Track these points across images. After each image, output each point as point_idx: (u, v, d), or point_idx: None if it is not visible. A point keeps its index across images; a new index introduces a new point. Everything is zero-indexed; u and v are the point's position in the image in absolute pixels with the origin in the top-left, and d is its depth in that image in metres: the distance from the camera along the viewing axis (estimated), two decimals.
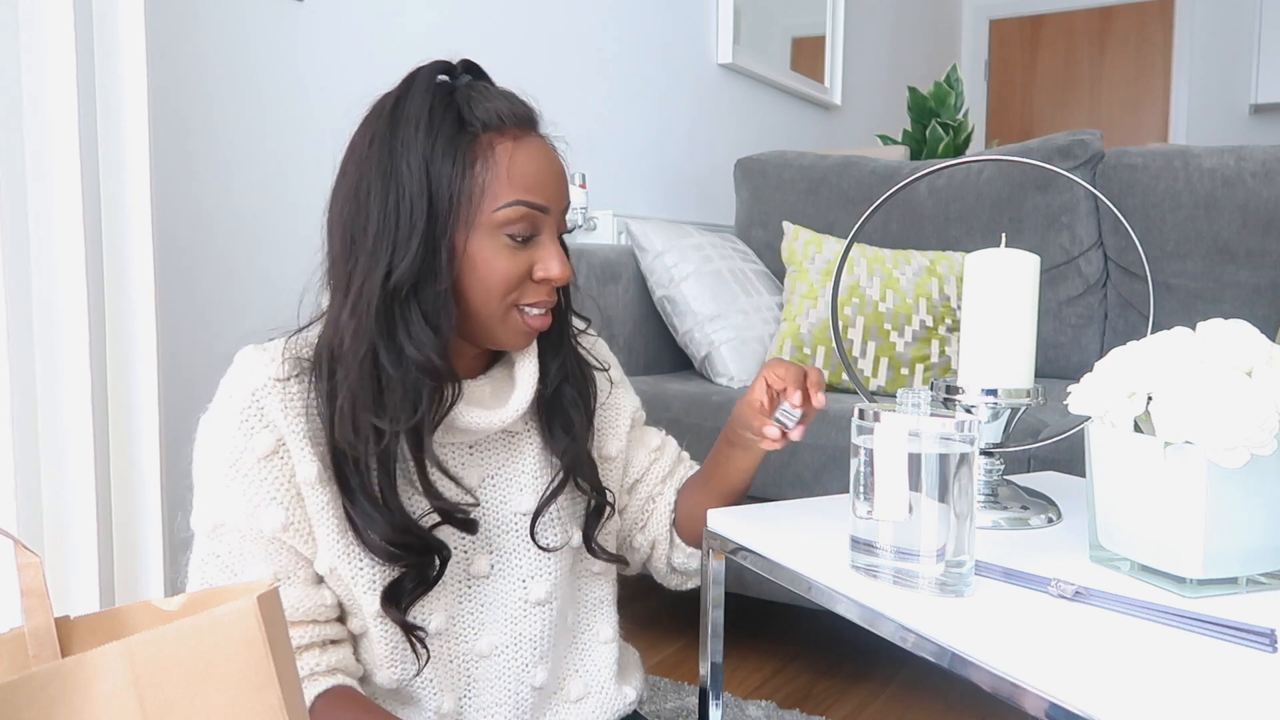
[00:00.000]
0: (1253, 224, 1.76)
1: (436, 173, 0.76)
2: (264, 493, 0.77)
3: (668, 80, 2.75)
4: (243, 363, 0.79)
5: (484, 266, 0.78)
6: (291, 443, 0.77)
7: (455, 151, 0.76)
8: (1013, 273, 0.89)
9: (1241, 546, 0.69)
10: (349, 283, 0.77)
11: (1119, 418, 0.72)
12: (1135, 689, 0.55)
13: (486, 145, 0.77)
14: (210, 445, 0.79)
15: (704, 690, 0.96)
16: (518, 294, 0.80)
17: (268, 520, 0.77)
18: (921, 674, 1.65)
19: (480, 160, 0.77)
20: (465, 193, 0.76)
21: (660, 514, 0.99)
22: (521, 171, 0.78)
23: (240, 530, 0.77)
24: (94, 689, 0.54)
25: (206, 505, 0.79)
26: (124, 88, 1.20)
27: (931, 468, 0.67)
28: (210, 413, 0.80)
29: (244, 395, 0.77)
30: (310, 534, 0.79)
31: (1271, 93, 4.28)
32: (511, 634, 0.87)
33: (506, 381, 0.87)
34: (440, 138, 0.76)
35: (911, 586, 0.69)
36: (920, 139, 3.32)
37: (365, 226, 0.76)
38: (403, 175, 0.75)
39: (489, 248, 0.78)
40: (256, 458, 0.77)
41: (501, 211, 0.77)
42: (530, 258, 0.80)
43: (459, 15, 2.03)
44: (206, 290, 1.53)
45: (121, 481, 1.23)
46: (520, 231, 0.78)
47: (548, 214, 0.80)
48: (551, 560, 0.88)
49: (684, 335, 1.91)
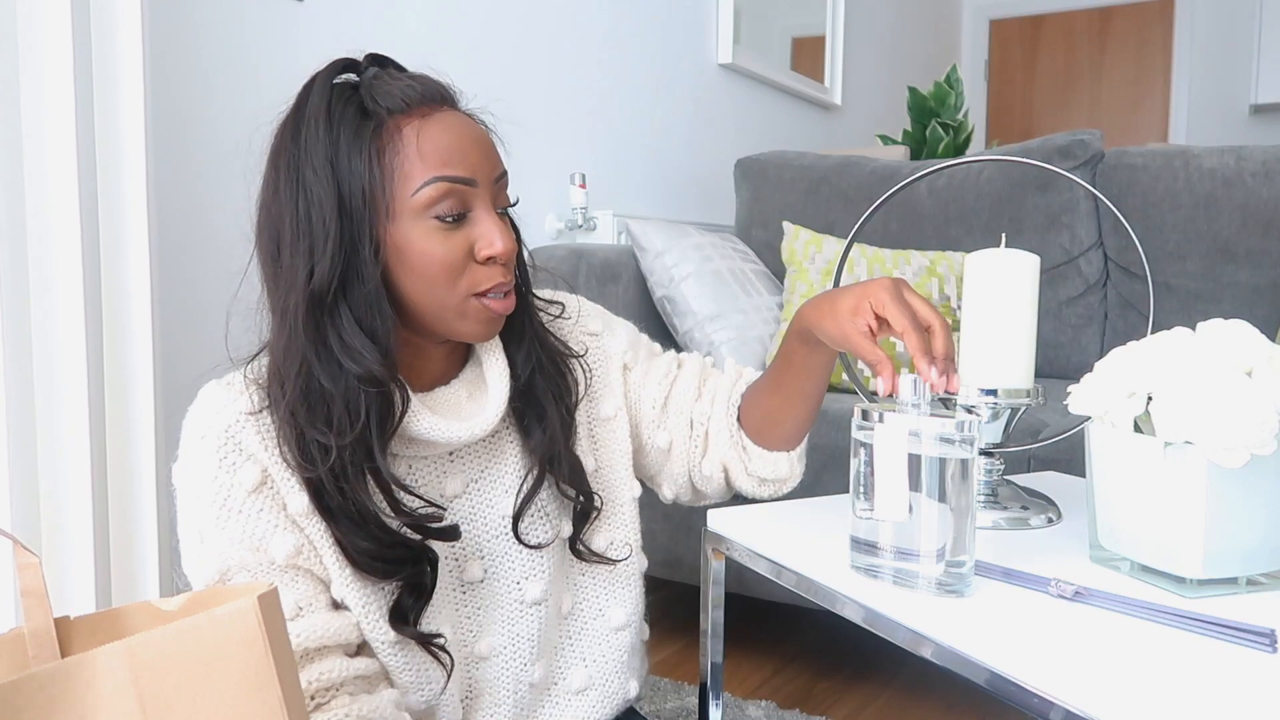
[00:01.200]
0: (1253, 224, 1.76)
1: (343, 168, 0.72)
2: (265, 523, 0.73)
3: (668, 80, 2.75)
4: (208, 401, 0.75)
5: (416, 257, 0.73)
6: (275, 474, 0.74)
7: (359, 142, 0.72)
8: (1013, 273, 0.89)
9: (1241, 546, 0.69)
10: (276, 300, 0.74)
11: (1119, 418, 0.72)
12: (1135, 689, 0.55)
13: (393, 129, 0.73)
14: (192, 492, 0.74)
15: (704, 690, 0.96)
16: (468, 281, 0.75)
17: (278, 548, 0.73)
18: (921, 674, 1.65)
19: (389, 146, 0.73)
20: (377, 183, 0.72)
21: (718, 433, 0.93)
22: (434, 146, 0.73)
23: (249, 569, 0.73)
24: (94, 689, 0.54)
25: (205, 556, 0.74)
26: (123, 88, 1.20)
27: (931, 468, 0.67)
28: (183, 460, 0.75)
29: (217, 433, 0.73)
30: (319, 558, 0.76)
31: (1271, 93, 4.28)
32: (509, 635, 0.86)
33: (480, 383, 0.84)
34: (343, 133, 0.72)
35: (911, 586, 0.69)
36: (920, 139, 3.32)
37: (281, 239, 0.73)
38: (308, 179, 0.72)
39: (417, 235, 0.73)
40: (245, 492, 0.73)
41: (421, 193, 0.72)
42: (467, 237, 0.75)
43: (458, 15, 2.03)
44: (204, 290, 1.53)
45: (118, 481, 1.23)
46: (447, 211, 0.73)
47: (474, 186, 0.74)
48: (544, 559, 0.87)
49: (684, 335, 1.91)
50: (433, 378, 0.83)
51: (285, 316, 0.73)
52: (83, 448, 1.17)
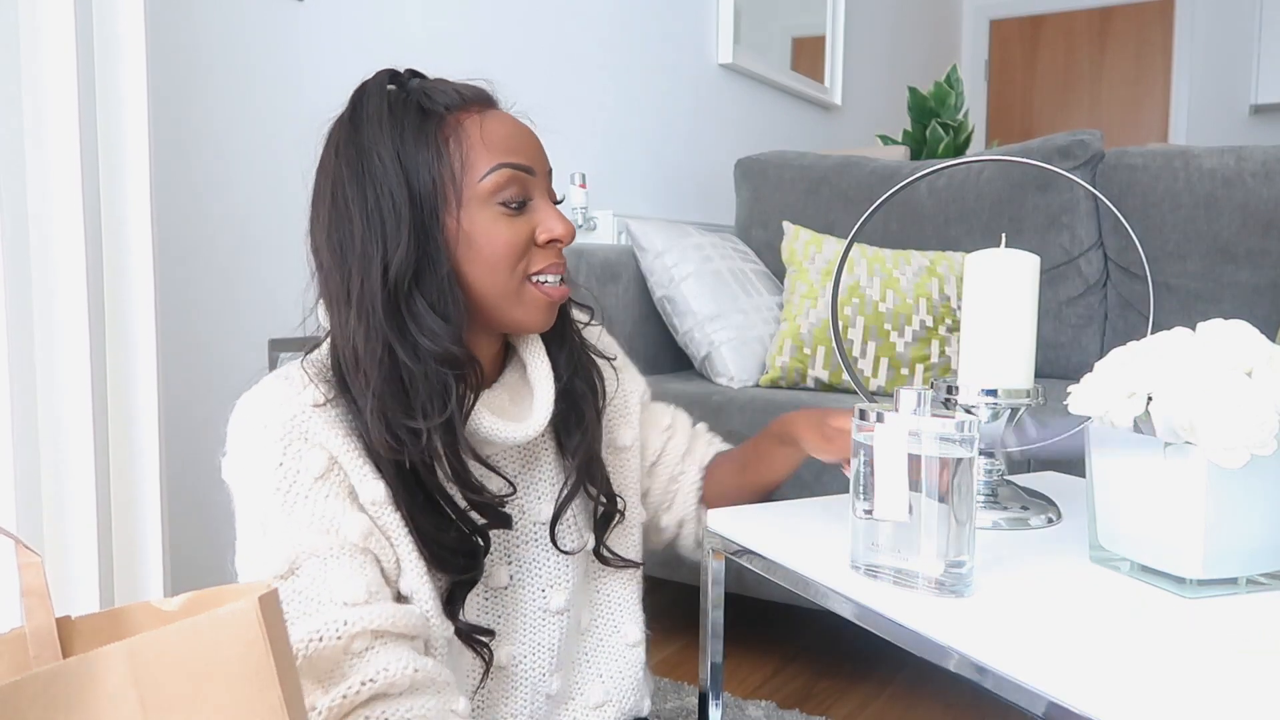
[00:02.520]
0: (1253, 224, 1.76)
1: (410, 160, 0.75)
2: (335, 506, 0.73)
3: (668, 80, 2.75)
4: (269, 394, 0.75)
5: (483, 240, 0.76)
6: (345, 462, 0.73)
7: (424, 136, 0.75)
8: (1013, 273, 0.89)
9: (1241, 546, 0.69)
10: (348, 291, 0.74)
11: (1119, 418, 0.72)
12: (1135, 689, 0.55)
13: (454, 123, 0.77)
14: (254, 482, 0.73)
15: (704, 690, 0.96)
16: (525, 262, 0.78)
17: (351, 528, 0.72)
18: (921, 674, 1.65)
19: (452, 138, 0.76)
20: (445, 172, 0.75)
21: (686, 493, 0.99)
22: (496, 137, 0.77)
23: (320, 554, 0.72)
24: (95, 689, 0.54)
25: (271, 547, 0.72)
26: (124, 88, 1.20)
27: (931, 468, 0.67)
28: (241, 453, 0.75)
29: (282, 422, 0.73)
30: (391, 548, 0.75)
31: (1271, 93, 4.28)
32: (530, 644, 0.86)
33: (523, 386, 0.85)
34: (406, 127, 0.75)
35: (911, 586, 0.69)
36: (920, 139, 3.32)
37: (351, 232, 0.74)
38: (376, 171, 0.74)
39: (484, 220, 0.76)
40: (312, 478, 0.72)
41: (487, 179, 0.76)
42: (529, 223, 0.79)
43: (458, 15, 2.03)
44: (206, 290, 1.53)
45: (121, 481, 1.23)
46: (512, 197, 0.77)
47: (534, 175, 0.79)
48: (569, 568, 0.88)
49: (684, 335, 1.92)
50: (486, 379, 0.84)
51: (361, 306, 0.73)
52: (85, 447, 1.17)
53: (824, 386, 1.79)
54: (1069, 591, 0.72)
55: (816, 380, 1.78)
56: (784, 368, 1.79)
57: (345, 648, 0.70)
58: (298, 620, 0.70)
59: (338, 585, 0.71)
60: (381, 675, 0.69)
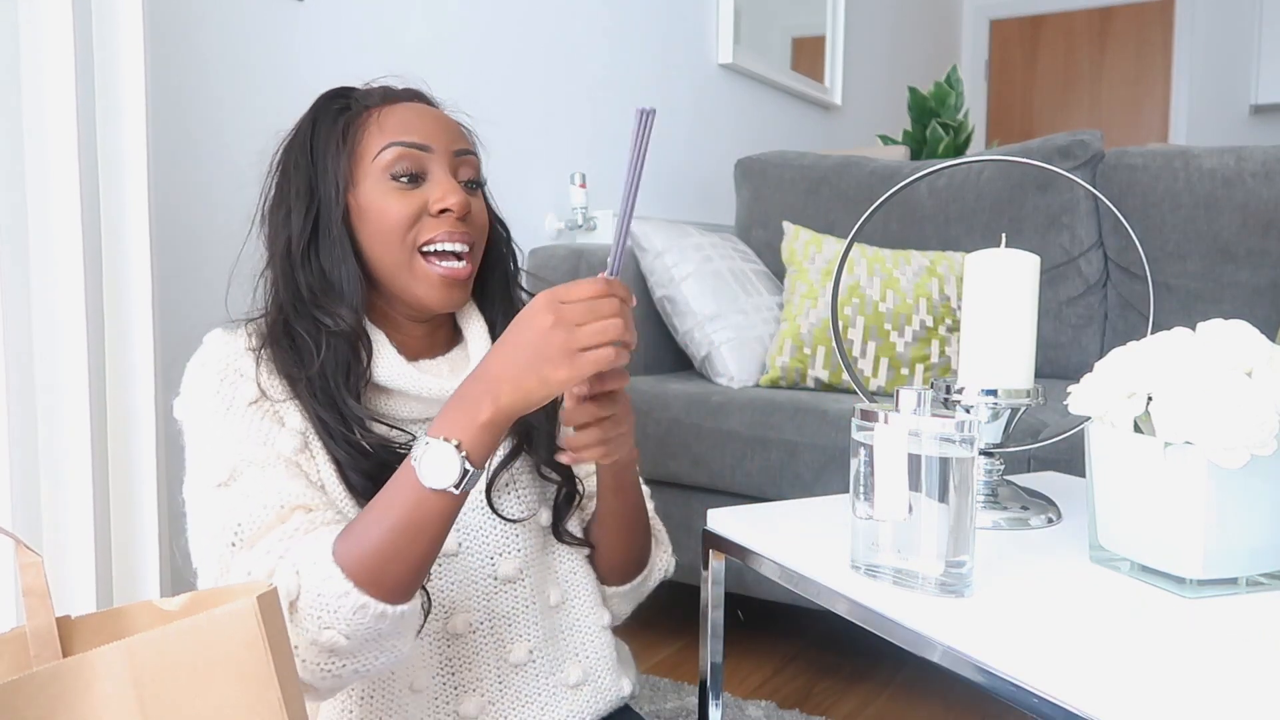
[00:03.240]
0: (1253, 224, 1.76)
1: (319, 151, 0.85)
2: (268, 425, 0.80)
3: (668, 80, 2.75)
4: (212, 341, 0.85)
5: (374, 213, 0.83)
6: (271, 393, 0.82)
7: (335, 130, 0.85)
8: (1013, 273, 0.89)
9: (1241, 546, 0.69)
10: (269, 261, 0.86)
11: (1119, 418, 0.72)
12: (1135, 689, 0.55)
13: (365, 117, 0.85)
14: (194, 413, 0.81)
15: (704, 690, 0.96)
16: (415, 232, 0.83)
17: (283, 443, 0.80)
18: (921, 674, 1.65)
19: (358, 129, 0.85)
20: (346, 156, 0.84)
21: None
22: (393, 121, 0.84)
23: (258, 462, 0.78)
24: (95, 689, 0.54)
25: (213, 458, 0.79)
26: (124, 88, 1.20)
27: (931, 468, 0.67)
28: (185, 391, 0.83)
29: (218, 360, 0.82)
30: (317, 470, 0.81)
31: (1271, 93, 4.28)
32: (485, 611, 0.87)
33: (463, 361, 0.90)
34: (321, 125, 0.86)
35: (911, 586, 0.69)
36: (920, 139, 3.32)
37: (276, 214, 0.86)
38: (289, 165, 0.86)
39: (377, 194, 0.83)
40: (245, 403, 0.80)
41: (379, 157, 0.83)
42: (423, 196, 0.84)
43: (459, 16, 2.03)
44: (205, 290, 1.53)
45: (120, 481, 1.23)
46: (404, 170, 0.83)
47: (430, 151, 0.84)
48: (519, 537, 0.89)
49: (684, 335, 1.92)
50: (416, 351, 0.90)
51: (273, 272, 0.86)
52: (84, 447, 1.17)
53: (824, 386, 1.79)
54: (1069, 591, 0.72)
55: (816, 380, 1.78)
56: (784, 368, 1.79)
57: (281, 518, 0.76)
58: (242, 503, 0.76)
59: (277, 485, 0.77)
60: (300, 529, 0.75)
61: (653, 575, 0.97)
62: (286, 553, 0.73)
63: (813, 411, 1.59)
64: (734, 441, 1.63)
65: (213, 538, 0.76)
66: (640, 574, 0.96)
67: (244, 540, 0.75)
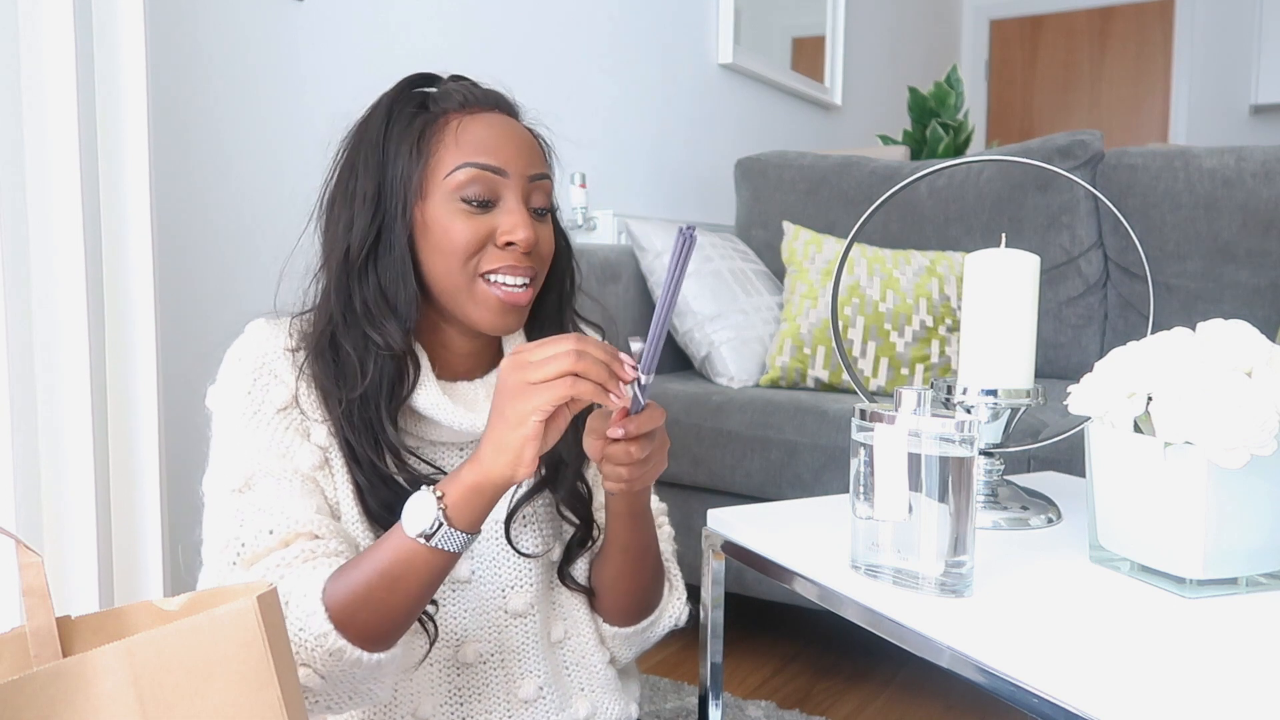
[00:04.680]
0: (1253, 224, 1.76)
1: (391, 154, 0.80)
2: (291, 437, 0.79)
3: (668, 80, 2.75)
4: (254, 332, 0.83)
5: (439, 232, 0.79)
6: (304, 404, 0.80)
7: (410, 134, 0.80)
8: (1013, 273, 0.89)
9: (1241, 547, 0.69)
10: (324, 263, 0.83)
11: (1119, 418, 0.72)
12: (1135, 689, 0.55)
13: (442, 124, 0.81)
14: (226, 408, 0.80)
15: (704, 690, 0.96)
16: (478, 260, 0.80)
17: (303, 458, 0.79)
18: (921, 674, 1.65)
19: (435, 137, 0.80)
20: (418, 166, 0.80)
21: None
22: (471, 138, 0.80)
23: (274, 474, 0.77)
24: (94, 689, 0.54)
25: (233, 462, 0.78)
26: (124, 88, 1.20)
27: (931, 468, 0.67)
28: (219, 382, 0.82)
29: (255, 357, 0.81)
30: (335, 487, 0.80)
31: (1271, 93, 4.28)
32: (495, 644, 0.86)
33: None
34: (396, 125, 0.81)
35: (911, 586, 0.69)
36: (920, 139, 3.32)
37: (335, 215, 0.82)
38: (358, 164, 0.81)
39: (444, 213, 0.79)
40: (275, 409, 0.79)
41: (452, 176, 0.79)
42: (491, 223, 0.80)
43: (459, 15, 2.03)
44: (206, 290, 1.53)
45: (121, 481, 1.23)
46: (475, 195, 0.79)
47: (504, 176, 0.80)
48: (531, 571, 0.87)
49: (684, 335, 1.92)
50: (457, 371, 0.87)
51: (328, 278, 0.82)
52: (85, 447, 1.17)
53: (824, 386, 1.79)
54: (1069, 591, 0.72)
55: (816, 380, 1.78)
56: (784, 368, 1.79)
57: (285, 541, 0.75)
58: (252, 517, 0.76)
59: (288, 503, 0.76)
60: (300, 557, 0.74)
61: (661, 621, 0.93)
62: (281, 579, 0.73)
63: (813, 411, 1.59)
64: (734, 441, 1.63)
65: (217, 550, 0.77)
66: (647, 619, 0.92)
67: (243, 560, 0.75)
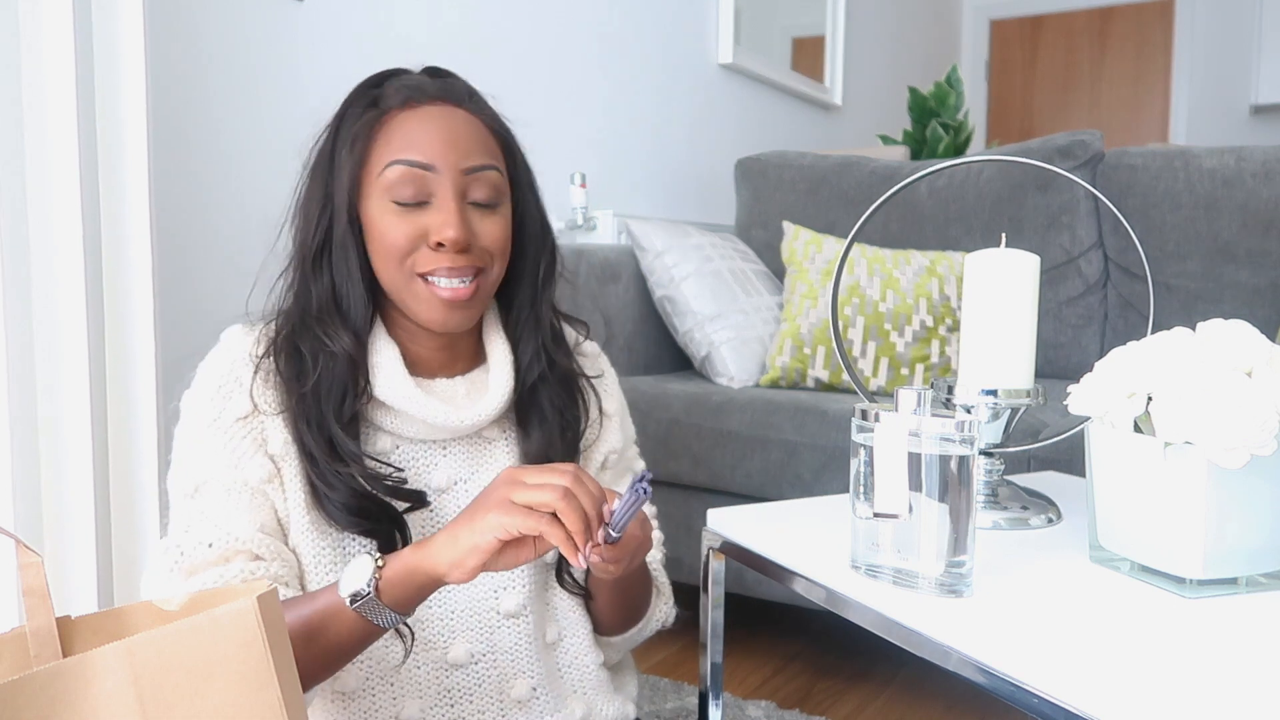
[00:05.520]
0: (1253, 224, 1.76)
1: (341, 153, 0.81)
2: (245, 447, 0.79)
3: (668, 80, 2.75)
4: (226, 340, 0.85)
5: (376, 233, 0.80)
6: (264, 410, 0.80)
7: (358, 132, 0.80)
8: (1013, 273, 0.89)
9: (1241, 547, 0.69)
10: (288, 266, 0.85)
11: (1119, 418, 0.72)
12: (1135, 689, 0.55)
13: (386, 120, 0.80)
14: (190, 412, 0.82)
15: (704, 690, 0.96)
16: (412, 261, 0.79)
17: (253, 471, 0.79)
18: (921, 674, 1.65)
19: (372, 135, 0.80)
20: (360, 166, 0.80)
21: None
22: (402, 134, 0.79)
23: (225, 484, 0.78)
24: (94, 689, 0.54)
25: (188, 466, 0.80)
26: (124, 88, 1.20)
27: (931, 468, 0.67)
28: (193, 384, 0.83)
29: (223, 367, 0.82)
30: (285, 497, 0.80)
31: (1271, 93, 4.28)
32: (487, 645, 0.85)
33: (483, 385, 0.86)
34: (346, 123, 0.81)
35: (911, 586, 0.69)
36: (920, 139, 3.32)
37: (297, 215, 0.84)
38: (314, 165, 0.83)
39: (379, 213, 0.79)
40: (234, 418, 0.80)
41: (383, 175, 0.79)
42: (422, 222, 0.79)
43: (459, 15, 2.03)
44: (206, 290, 1.53)
45: (120, 481, 1.23)
46: (406, 197, 0.78)
47: (433, 172, 0.78)
48: (523, 573, 0.86)
49: (684, 335, 1.92)
50: (433, 367, 0.86)
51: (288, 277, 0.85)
52: (85, 447, 1.17)
53: (824, 386, 1.79)
54: (1069, 591, 0.72)
55: (816, 380, 1.78)
56: (784, 368, 1.79)
57: (225, 557, 0.76)
58: (196, 524, 0.77)
59: (232, 515, 0.78)
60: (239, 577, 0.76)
61: (649, 626, 0.95)
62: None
63: (813, 411, 1.59)
64: (734, 441, 1.63)
65: (160, 552, 0.78)
66: (635, 626, 0.94)
67: (180, 569, 0.76)
